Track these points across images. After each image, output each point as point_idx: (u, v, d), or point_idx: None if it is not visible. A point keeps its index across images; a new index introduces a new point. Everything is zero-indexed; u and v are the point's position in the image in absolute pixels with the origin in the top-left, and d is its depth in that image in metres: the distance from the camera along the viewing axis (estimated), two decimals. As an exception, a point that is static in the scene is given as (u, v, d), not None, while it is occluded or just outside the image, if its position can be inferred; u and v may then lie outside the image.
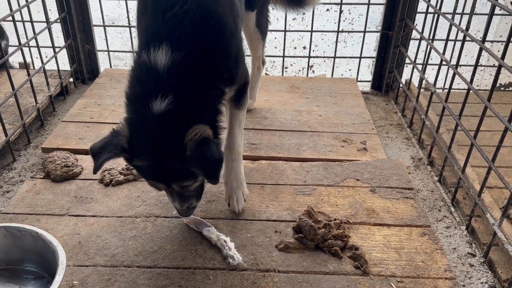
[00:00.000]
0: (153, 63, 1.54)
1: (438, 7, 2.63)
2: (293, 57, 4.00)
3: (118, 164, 2.37)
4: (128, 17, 3.49)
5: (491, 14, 2.01)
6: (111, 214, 2.07)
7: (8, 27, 3.28)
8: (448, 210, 2.25)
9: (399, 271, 1.79)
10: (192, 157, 1.51)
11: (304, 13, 2.74)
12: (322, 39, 4.08)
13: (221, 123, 1.72)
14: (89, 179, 2.29)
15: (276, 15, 3.53)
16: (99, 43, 3.53)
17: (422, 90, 2.98)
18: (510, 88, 3.89)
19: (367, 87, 3.58)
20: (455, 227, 2.14)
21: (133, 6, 3.47)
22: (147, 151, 1.57)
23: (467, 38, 2.24)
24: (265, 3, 2.48)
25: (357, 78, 3.56)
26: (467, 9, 2.55)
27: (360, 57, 3.52)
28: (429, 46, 2.71)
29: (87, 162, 2.41)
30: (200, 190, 1.78)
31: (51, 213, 2.06)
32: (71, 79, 3.43)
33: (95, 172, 1.56)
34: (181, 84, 1.55)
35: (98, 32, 3.49)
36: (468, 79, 2.17)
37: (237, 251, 1.84)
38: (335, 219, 2.00)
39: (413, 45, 3.20)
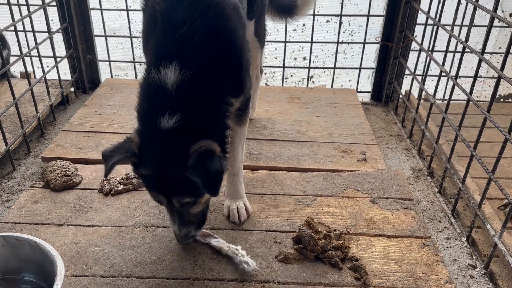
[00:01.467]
0: (162, 81, 1.57)
1: (437, 19, 2.65)
2: (293, 67, 4.02)
3: (118, 173, 2.37)
4: (129, 28, 3.51)
5: (490, 26, 2.02)
6: (110, 224, 2.06)
7: (10, 37, 3.31)
8: (449, 221, 2.24)
9: (399, 282, 1.78)
10: (193, 166, 1.53)
11: (293, 23, 2.84)
12: (322, 50, 4.10)
13: (229, 138, 1.75)
14: (89, 189, 2.29)
15: (276, 27, 3.56)
16: (100, 53, 3.54)
17: (421, 101, 2.99)
18: (510, 99, 3.90)
19: (367, 97, 3.59)
20: (455, 238, 2.13)
21: (135, 16, 3.50)
22: (152, 160, 1.60)
23: (467, 50, 2.25)
24: (262, 12, 2.51)
25: (357, 89, 3.58)
26: (466, 21, 2.57)
27: (360, 68, 3.53)
28: (428, 57, 2.73)
29: (87, 171, 2.41)
30: (201, 218, 1.80)
31: (50, 223, 2.06)
32: (72, 89, 3.45)
33: (106, 175, 1.59)
34: (189, 102, 1.59)
35: (99, 42, 3.51)
36: (468, 90, 2.18)
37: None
38: (335, 230, 1.99)
39: (412, 56, 3.21)
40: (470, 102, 2.15)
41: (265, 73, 4.17)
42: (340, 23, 3.45)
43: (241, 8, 1.84)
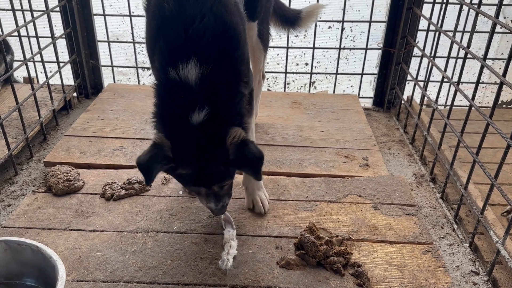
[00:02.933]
0: (184, 78, 1.61)
1: (439, 25, 2.65)
2: (295, 73, 4.03)
3: (120, 178, 2.37)
4: (132, 33, 3.52)
5: (492, 32, 2.02)
6: (111, 229, 2.06)
7: (13, 42, 3.32)
8: (451, 227, 2.23)
9: (401, 289, 1.77)
10: (236, 160, 1.65)
11: (295, 33, 2.90)
12: (324, 56, 4.11)
13: (246, 125, 1.81)
14: (91, 194, 2.29)
15: (279, 33, 3.57)
16: (103, 59, 3.56)
17: (423, 106, 2.98)
18: (512, 105, 3.90)
19: (369, 103, 3.59)
20: (458, 245, 2.12)
21: (138, 22, 3.52)
22: (192, 160, 1.67)
23: (469, 56, 2.26)
24: (266, 15, 2.53)
25: (359, 95, 3.58)
26: (468, 27, 2.57)
27: (362, 74, 3.54)
28: (430, 63, 2.73)
29: (89, 176, 2.41)
30: (231, 189, 1.89)
31: (52, 227, 2.06)
32: (75, 94, 3.46)
33: (148, 184, 1.69)
34: (213, 94, 1.64)
35: (102, 48, 3.52)
36: (470, 96, 2.18)
37: (233, 262, 1.86)
38: (337, 236, 1.98)
39: (414, 62, 3.21)
40: (472, 108, 2.14)
41: (267, 79, 4.18)
42: (342, 29, 3.46)
43: (239, 5, 1.91)
